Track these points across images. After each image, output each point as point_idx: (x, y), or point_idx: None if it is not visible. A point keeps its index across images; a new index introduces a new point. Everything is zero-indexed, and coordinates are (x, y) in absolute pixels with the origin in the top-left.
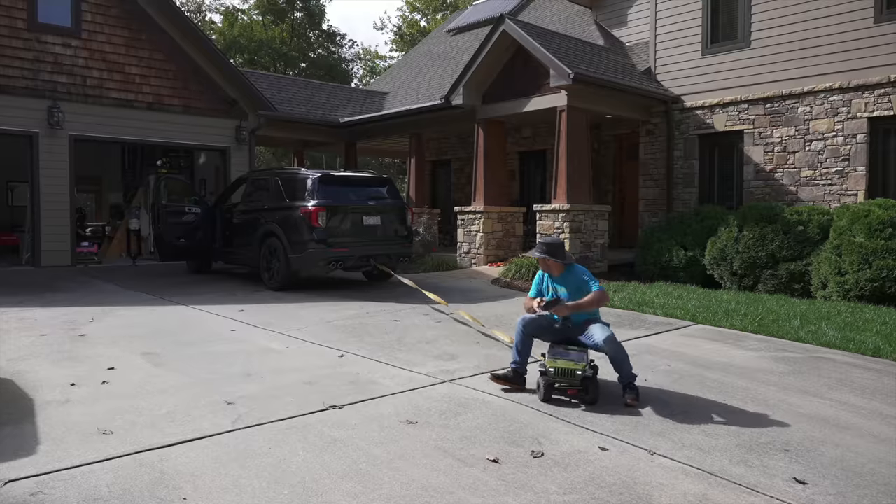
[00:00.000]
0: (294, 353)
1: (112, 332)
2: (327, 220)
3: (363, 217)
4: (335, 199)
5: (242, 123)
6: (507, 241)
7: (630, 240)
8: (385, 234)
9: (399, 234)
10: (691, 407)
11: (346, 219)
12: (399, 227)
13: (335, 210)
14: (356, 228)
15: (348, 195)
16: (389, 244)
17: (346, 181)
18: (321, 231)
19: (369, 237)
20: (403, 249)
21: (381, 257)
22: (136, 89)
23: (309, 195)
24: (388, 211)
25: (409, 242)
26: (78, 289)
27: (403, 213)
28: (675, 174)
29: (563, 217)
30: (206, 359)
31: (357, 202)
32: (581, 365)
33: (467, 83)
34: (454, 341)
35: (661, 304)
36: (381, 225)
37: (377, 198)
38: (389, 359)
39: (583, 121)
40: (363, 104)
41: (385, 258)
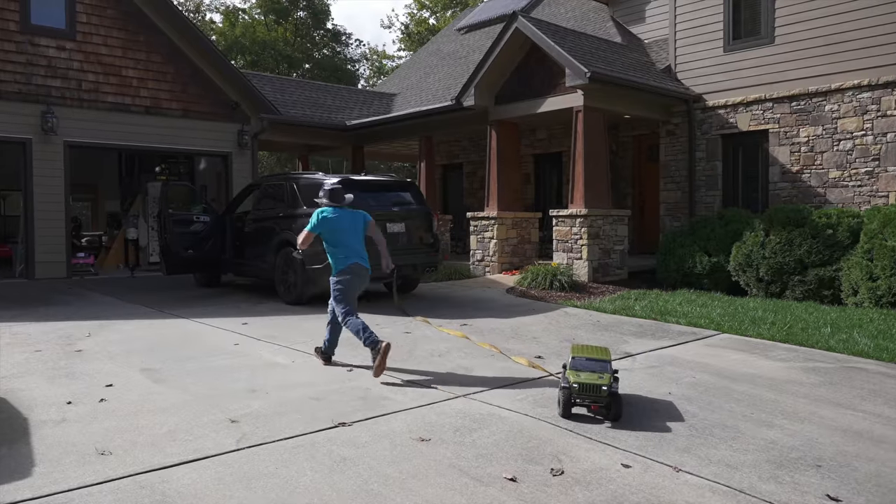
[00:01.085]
0: (300, 368)
1: (110, 348)
2: None
3: (386, 224)
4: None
5: (244, 127)
6: (522, 248)
7: (651, 245)
8: (410, 243)
9: (425, 242)
10: (718, 421)
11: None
12: (424, 234)
13: None
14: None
15: (370, 201)
16: (415, 253)
17: (367, 186)
18: None
19: (393, 246)
20: (430, 259)
21: (406, 267)
22: (133, 93)
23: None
24: (412, 217)
25: (435, 251)
26: (74, 302)
27: (429, 219)
28: (697, 176)
29: (580, 222)
30: (208, 374)
31: (379, 208)
32: (606, 378)
33: (479, 83)
34: (468, 354)
35: (684, 312)
36: (405, 233)
37: (400, 203)
38: (399, 372)
39: (600, 121)
40: (370, 106)
41: (410, 268)
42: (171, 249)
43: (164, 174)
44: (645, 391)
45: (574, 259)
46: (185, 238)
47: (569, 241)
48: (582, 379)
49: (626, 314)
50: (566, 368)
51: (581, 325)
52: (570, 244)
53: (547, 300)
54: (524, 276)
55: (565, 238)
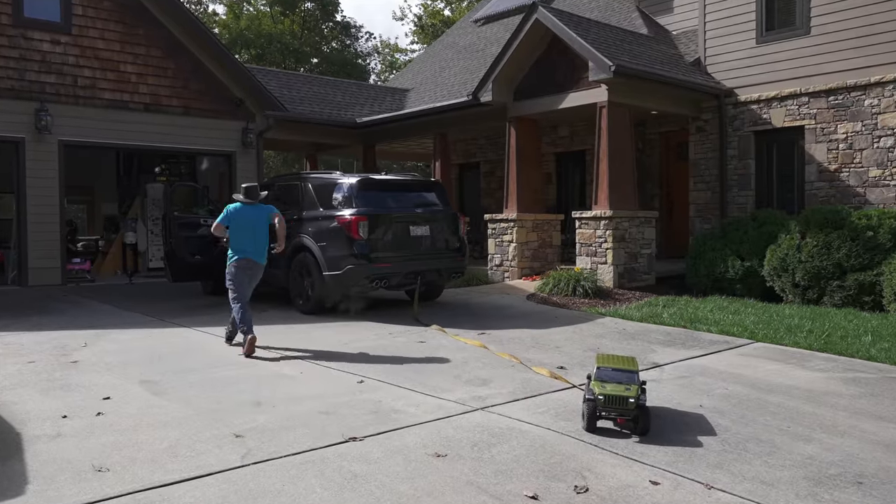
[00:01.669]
0: (308, 379)
1: (107, 358)
2: (369, 231)
3: (409, 227)
4: (377, 206)
5: (249, 125)
6: (543, 252)
7: (680, 249)
8: (434, 247)
9: (450, 246)
10: (752, 435)
11: (390, 229)
12: (450, 237)
13: (378, 219)
14: (402, 240)
15: (392, 202)
16: (440, 258)
17: (389, 186)
18: (362, 244)
19: (417, 250)
20: (455, 263)
21: (430, 273)
22: (132, 89)
23: (346, 202)
24: (437, 219)
25: (461, 255)
26: (69, 310)
27: (455, 221)
28: (728, 175)
29: (605, 224)
30: (211, 386)
31: (402, 210)
32: (633, 390)
33: (497, 78)
34: (486, 364)
35: (715, 320)
36: (429, 236)
37: (424, 204)
38: (415, 384)
39: (625, 118)
40: (382, 102)
41: (435, 274)
42: (177, 255)
43: (165, 175)
44: (674, 403)
45: (598, 263)
46: (191, 242)
47: (593, 245)
48: (608, 390)
49: (653, 322)
50: (591, 379)
51: (606, 333)
52: (594, 248)
53: (570, 307)
54: (545, 282)
55: (589, 241)
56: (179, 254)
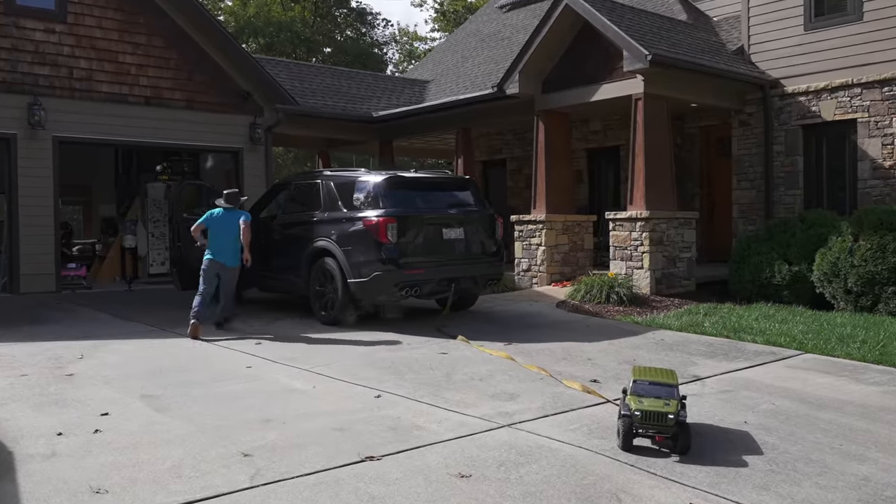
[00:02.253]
0: (322, 394)
1: (105, 371)
2: (398, 233)
3: (442, 229)
4: (407, 206)
5: (257, 120)
6: (574, 256)
7: (722, 252)
8: (469, 251)
9: (487, 251)
10: (801, 454)
11: (421, 232)
12: (487, 240)
13: (408, 221)
14: (434, 244)
15: (423, 202)
16: (475, 263)
17: (419, 184)
18: (391, 248)
19: (450, 255)
20: (492, 269)
21: (465, 280)
22: (132, 81)
23: (373, 202)
24: (472, 221)
25: (499, 260)
26: (64, 319)
27: (492, 223)
28: (774, 173)
29: (640, 226)
30: (217, 401)
31: (434, 211)
32: (673, 405)
33: (524, 68)
34: (513, 377)
35: (761, 329)
36: (464, 239)
37: (459, 204)
38: (436, 399)
39: (663, 111)
40: (400, 95)
41: (470, 281)
42: (187, 261)
43: (166, 173)
44: (717, 420)
45: (634, 268)
46: (202, 247)
47: (628, 248)
48: (645, 406)
49: (694, 331)
50: (626, 394)
51: (642, 344)
52: (630, 251)
53: (603, 316)
54: (576, 289)
55: (624, 244)
56: (190, 260)
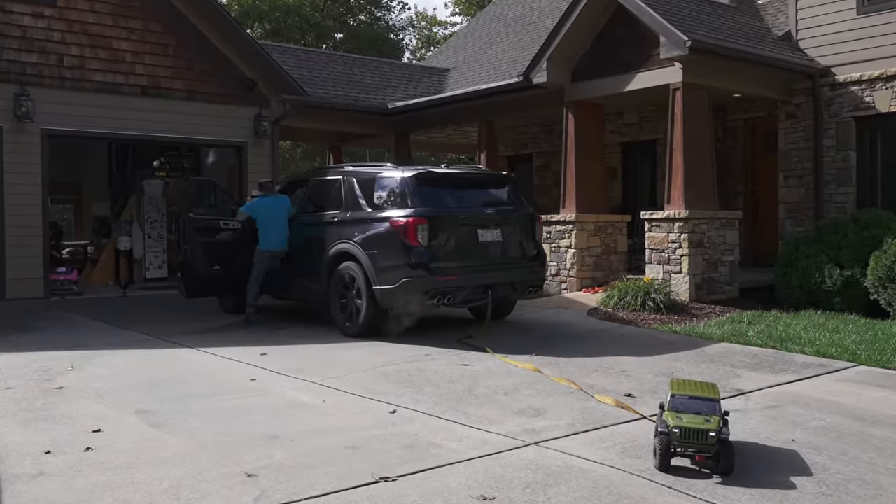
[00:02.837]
0: (332, 409)
1: (97, 384)
2: (429, 235)
3: (478, 231)
4: (439, 205)
5: (262, 112)
6: (607, 259)
7: (767, 255)
8: (506, 255)
9: (526, 254)
10: (854, 474)
11: (454, 234)
12: (526, 243)
13: (440, 222)
14: (469, 247)
15: (456, 200)
16: (514, 268)
17: (452, 181)
18: (421, 252)
19: (486, 259)
20: (532, 275)
21: (502, 286)
22: (127, 70)
23: (401, 201)
24: (511, 222)
25: (540, 265)
26: (53, 327)
27: (531, 223)
28: (824, 169)
29: (679, 227)
30: (218, 417)
31: (469, 210)
32: (714, 422)
33: (552, 55)
34: (540, 391)
35: (809, 339)
36: (501, 241)
37: (495, 203)
38: (457, 415)
39: (703, 102)
40: (418, 84)
41: (508, 287)
42: (195, 266)
43: (164, 169)
44: (762, 437)
45: (672, 273)
46: (211, 250)
47: (665, 251)
48: (684, 423)
49: (737, 341)
50: (664, 409)
51: (681, 355)
52: (667, 254)
53: (638, 324)
54: (609, 295)
55: (660, 247)
56: (198, 265)
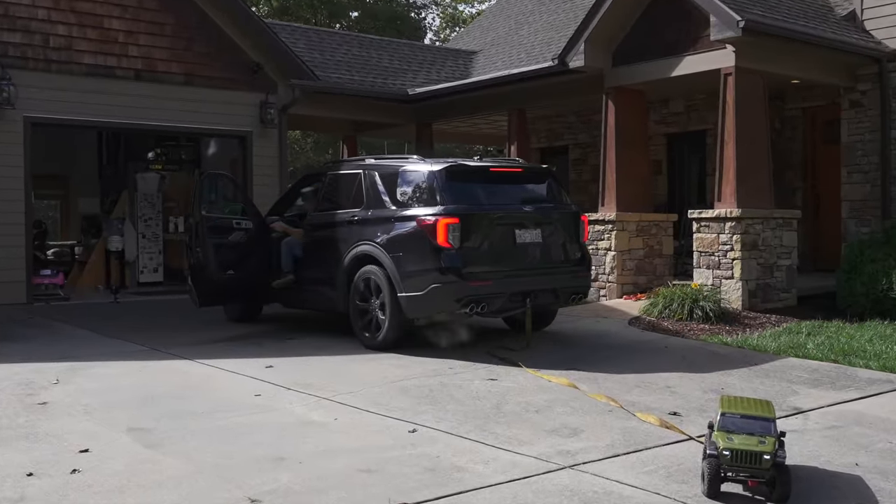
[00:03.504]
0: (345, 428)
1: (85, 399)
2: (462, 236)
3: (515, 231)
4: (472, 202)
5: (269, 98)
6: (651, 262)
7: (829, 259)
8: (548, 258)
9: (570, 257)
10: None
11: (489, 235)
12: (570, 245)
13: (473, 221)
14: (505, 249)
15: (492, 196)
16: (556, 273)
17: (486, 175)
18: (452, 255)
19: (525, 262)
20: (577, 281)
21: (543, 293)
22: (119, 51)
23: (429, 197)
24: (551, 221)
25: (585, 270)
26: (36, 336)
27: (576, 223)
28: (892, 164)
29: (730, 227)
30: (219, 436)
31: (505, 208)
32: (769, 444)
33: (591, 37)
34: (576, 409)
35: (876, 352)
36: (542, 243)
37: (535, 200)
38: (483, 435)
39: (758, 88)
40: (441, 68)
41: (549, 295)
42: (207, 270)
43: (160, 161)
44: (822, 461)
45: (722, 278)
46: (225, 253)
47: (715, 254)
48: (735, 444)
49: (794, 354)
50: (713, 429)
51: (733, 369)
52: (718, 258)
53: (685, 335)
54: (653, 303)
55: (710, 249)
56: (210, 269)
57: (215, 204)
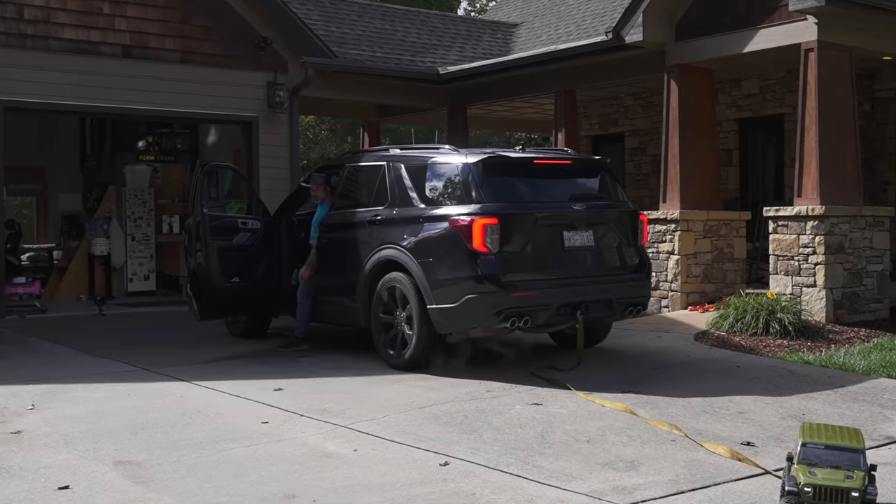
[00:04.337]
0: (367, 460)
1: (66, 427)
2: (501, 239)
3: (563, 233)
4: (514, 200)
5: (278, 78)
6: (720, 268)
7: None
8: (601, 264)
9: (626, 263)
10: None
11: (533, 237)
12: (626, 249)
13: (515, 221)
14: (552, 254)
15: (536, 193)
16: (610, 281)
17: (529, 167)
18: (491, 260)
19: (575, 269)
20: (635, 291)
21: (596, 305)
22: (105, 24)
23: (463, 194)
24: (605, 220)
25: (644, 277)
26: (9, 354)
27: (633, 223)
28: None
29: (812, 227)
30: (220, 470)
31: (552, 206)
32: (858, 479)
33: (651, 6)
34: (634, 438)
35: None
36: (594, 247)
37: (587, 197)
38: (526, 468)
39: (845, 66)
40: (478, 44)
41: (603, 307)
42: (211, 278)
43: (152, 152)
44: None
45: (803, 286)
46: (228, 257)
47: (795, 258)
48: (818, 480)
49: (887, 374)
50: (792, 462)
51: (815, 391)
52: (797, 262)
53: (759, 352)
54: (723, 314)
55: (789, 252)
56: (213, 276)
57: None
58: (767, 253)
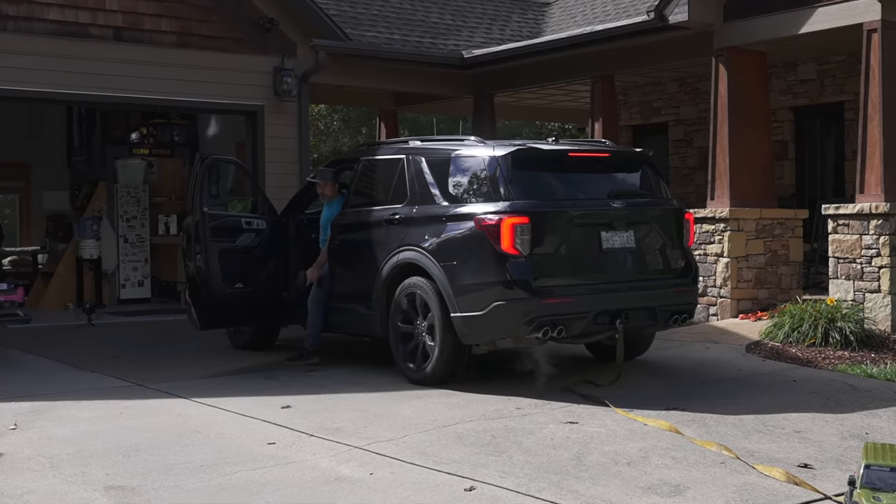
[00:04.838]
0: (383, 485)
1: (51, 449)
2: (533, 240)
3: (601, 234)
4: (546, 196)
5: (286, 63)
6: (774, 271)
7: None
8: (643, 267)
9: (672, 267)
10: None
11: (568, 238)
12: (671, 251)
13: (548, 220)
14: (589, 257)
15: (570, 189)
16: (653, 287)
17: (563, 161)
18: (521, 264)
19: (614, 273)
20: (681, 297)
21: (637, 313)
22: (94, 5)
23: (490, 190)
24: (647, 219)
25: (690, 283)
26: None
27: (678, 221)
28: None
29: (876, 226)
30: (222, 496)
31: (588, 204)
32: None
33: None
34: (679, 460)
35: None
36: (635, 249)
37: (627, 193)
38: (560, 494)
39: None
40: (506, 24)
41: (645, 315)
42: (211, 283)
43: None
44: None
45: (866, 291)
46: (231, 260)
47: (857, 261)
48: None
49: None
50: (855, 486)
51: (880, 408)
52: (860, 265)
53: (817, 364)
54: (777, 323)
55: (850, 254)
56: (214, 282)
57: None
58: (826, 255)
